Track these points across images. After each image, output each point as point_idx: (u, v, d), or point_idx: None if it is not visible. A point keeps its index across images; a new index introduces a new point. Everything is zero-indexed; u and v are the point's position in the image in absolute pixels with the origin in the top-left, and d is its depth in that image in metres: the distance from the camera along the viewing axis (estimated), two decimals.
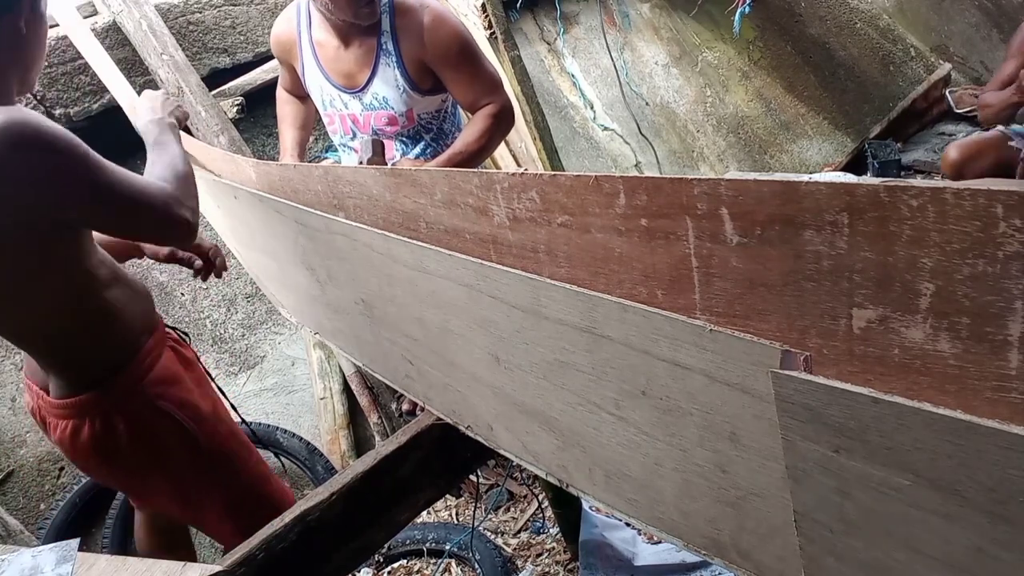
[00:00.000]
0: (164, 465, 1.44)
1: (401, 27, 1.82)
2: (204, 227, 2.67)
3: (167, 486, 1.49)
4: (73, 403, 1.34)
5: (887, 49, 4.47)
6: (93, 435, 1.35)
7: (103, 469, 1.46)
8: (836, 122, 4.19)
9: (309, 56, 1.93)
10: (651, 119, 3.90)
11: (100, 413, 1.34)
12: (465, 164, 1.85)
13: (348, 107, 1.93)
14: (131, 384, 1.36)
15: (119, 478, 1.52)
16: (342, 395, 2.58)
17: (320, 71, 1.92)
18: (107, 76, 2.33)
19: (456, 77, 1.87)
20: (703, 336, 0.66)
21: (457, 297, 0.98)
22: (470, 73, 1.86)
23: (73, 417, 1.35)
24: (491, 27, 2.63)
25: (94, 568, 1.06)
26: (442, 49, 1.83)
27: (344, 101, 1.92)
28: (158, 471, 1.45)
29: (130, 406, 1.36)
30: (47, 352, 1.34)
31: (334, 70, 1.90)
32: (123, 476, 1.49)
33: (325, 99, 1.96)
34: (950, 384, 0.75)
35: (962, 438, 0.50)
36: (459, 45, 1.83)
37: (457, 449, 1.40)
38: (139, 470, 1.44)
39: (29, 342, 1.34)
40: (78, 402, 1.33)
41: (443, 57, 1.83)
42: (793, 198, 0.78)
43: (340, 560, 1.31)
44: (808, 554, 0.69)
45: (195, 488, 1.49)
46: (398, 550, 2.28)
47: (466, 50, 1.84)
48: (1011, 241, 0.65)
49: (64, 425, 1.37)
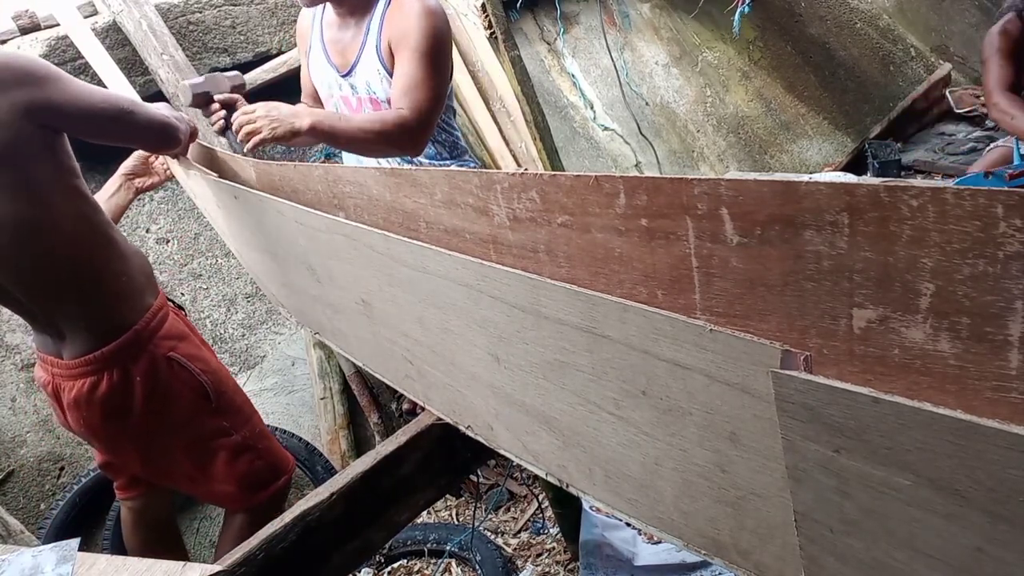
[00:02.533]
0: (177, 416, 1.50)
1: (390, 11, 1.75)
2: (205, 227, 2.68)
3: (177, 440, 1.53)
4: (91, 359, 1.39)
5: (887, 49, 4.47)
6: (111, 389, 1.41)
7: (114, 427, 1.50)
8: (836, 122, 4.19)
9: (317, 38, 1.90)
10: (651, 119, 3.90)
11: (118, 365, 1.40)
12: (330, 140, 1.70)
13: (342, 89, 1.89)
14: (146, 338, 1.43)
15: (130, 437, 1.54)
16: (342, 395, 2.58)
17: (323, 51, 1.89)
18: (107, 76, 2.33)
19: (399, 66, 1.70)
20: (703, 336, 0.66)
21: (457, 297, 0.98)
22: (411, 70, 1.67)
23: (91, 374, 1.40)
24: (491, 27, 2.63)
25: (94, 568, 1.06)
26: (400, 31, 1.69)
27: (339, 84, 1.89)
28: (170, 424, 1.50)
29: (146, 358, 1.43)
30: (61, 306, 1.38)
31: (333, 51, 1.88)
32: (134, 434, 1.52)
33: (323, 81, 1.92)
34: (950, 384, 0.75)
35: (962, 438, 0.50)
36: (419, 36, 1.67)
37: (457, 449, 1.40)
38: (151, 425, 1.49)
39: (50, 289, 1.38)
40: (96, 357, 1.39)
41: (399, 40, 1.69)
42: (793, 198, 0.78)
43: (340, 560, 1.31)
44: (808, 554, 0.69)
45: (203, 440, 1.55)
46: (399, 550, 2.28)
47: (423, 46, 1.67)
48: (1011, 241, 0.65)
49: (81, 384, 1.41)
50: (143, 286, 1.46)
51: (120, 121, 1.35)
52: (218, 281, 2.69)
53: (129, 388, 1.42)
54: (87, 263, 1.37)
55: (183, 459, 1.58)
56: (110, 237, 1.41)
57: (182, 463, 1.59)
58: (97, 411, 1.44)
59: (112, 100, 1.34)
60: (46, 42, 2.42)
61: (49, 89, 1.24)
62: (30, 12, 2.48)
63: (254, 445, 1.61)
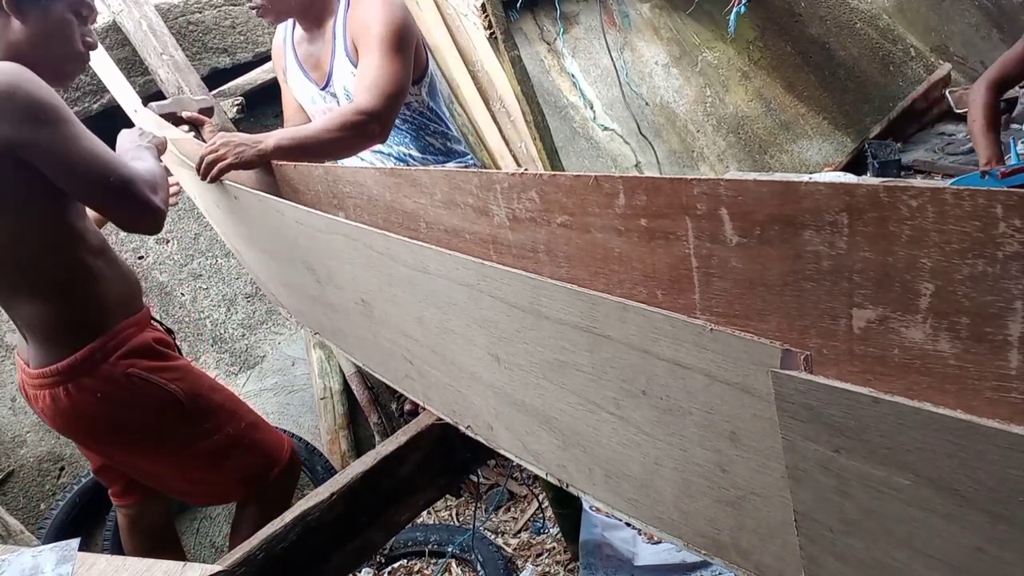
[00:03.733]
0: (148, 428, 1.49)
1: (351, 11, 1.75)
2: (205, 227, 2.68)
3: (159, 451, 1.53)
4: (47, 372, 1.40)
5: (887, 49, 4.47)
6: (71, 402, 1.41)
7: (86, 438, 1.52)
8: (836, 122, 4.19)
9: (291, 57, 1.92)
10: (651, 119, 3.90)
11: (72, 381, 1.40)
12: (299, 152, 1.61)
13: (326, 101, 1.89)
14: (100, 358, 1.41)
15: (107, 448, 1.55)
16: (342, 395, 2.58)
17: (300, 69, 1.90)
18: (107, 76, 2.32)
19: (361, 59, 1.68)
20: (703, 336, 0.66)
21: (457, 297, 0.98)
22: (370, 58, 1.65)
23: (49, 387, 1.41)
24: (491, 27, 2.63)
25: (94, 568, 1.06)
26: (360, 26, 1.69)
27: (322, 96, 1.89)
28: (144, 436, 1.50)
29: (101, 375, 1.41)
30: (30, 311, 1.39)
31: (309, 66, 1.88)
32: (110, 445, 1.53)
33: (307, 97, 1.93)
34: (950, 384, 0.75)
35: (962, 438, 0.50)
36: (377, 25, 1.65)
37: (457, 449, 1.40)
38: (123, 438, 1.49)
39: (18, 297, 1.39)
40: (51, 371, 1.40)
41: (361, 34, 1.68)
42: (793, 198, 0.78)
43: (340, 560, 1.31)
44: (808, 554, 0.69)
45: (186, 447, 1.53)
46: (400, 551, 2.28)
47: (381, 33, 1.65)
48: (1011, 241, 0.65)
49: (44, 395, 1.42)
50: (113, 308, 1.44)
51: (94, 189, 1.30)
52: (218, 281, 2.69)
53: (89, 403, 1.41)
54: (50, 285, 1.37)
55: (170, 469, 1.57)
56: (80, 262, 1.39)
57: (171, 474, 1.59)
58: (63, 422, 1.45)
59: (97, 166, 1.28)
60: None
61: (41, 133, 1.22)
62: None
63: (243, 439, 1.59)
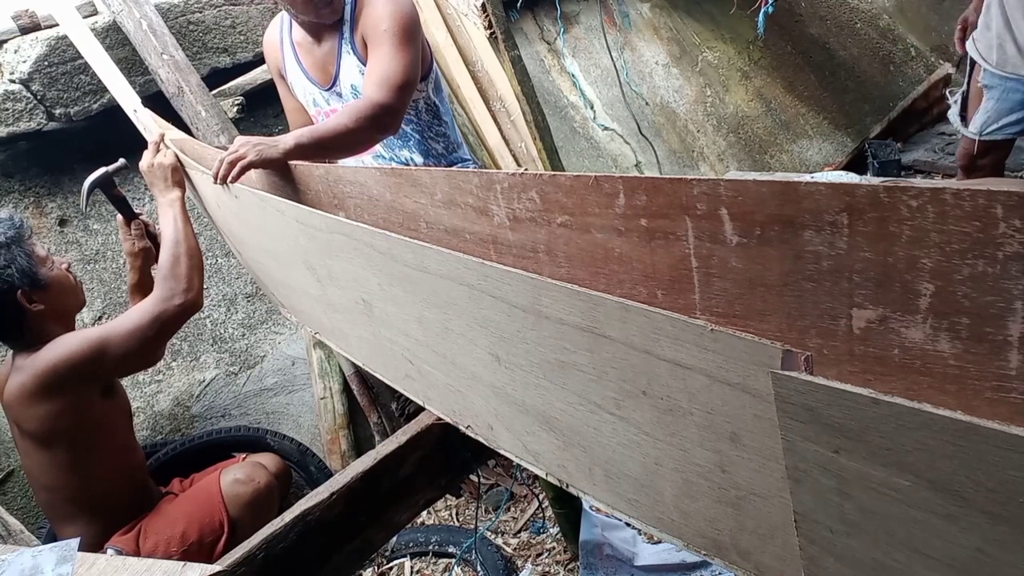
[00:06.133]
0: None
1: (358, 10, 1.79)
2: (205, 227, 2.68)
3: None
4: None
5: (887, 49, 4.47)
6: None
7: None
8: (836, 122, 4.19)
9: (291, 58, 1.92)
10: (651, 119, 3.90)
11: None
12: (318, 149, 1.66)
13: (329, 103, 1.90)
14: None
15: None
16: (342, 395, 2.58)
17: (302, 71, 1.91)
18: (107, 76, 2.32)
19: (371, 54, 1.73)
20: (704, 336, 0.66)
21: (457, 297, 0.98)
22: (380, 52, 1.71)
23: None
24: (491, 27, 2.63)
25: (94, 568, 1.06)
26: (371, 22, 1.74)
27: (325, 98, 1.90)
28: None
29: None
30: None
31: (312, 68, 1.89)
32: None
33: (309, 99, 1.94)
34: (950, 384, 0.75)
35: (962, 439, 0.50)
36: (387, 20, 1.71)
37: (457, 449, 1.40)
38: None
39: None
40: None
41: (371, 31, 1.73)
42: (793, 198, 0.78)
43: (340, 560, 1.31)
44: (808, 554, 0.69)
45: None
46: (400, 552, 2.28)
47: (390, 27, 1.71)
48: (1011, 241, 0.65)
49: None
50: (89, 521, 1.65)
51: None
52: (218, 281, 2.69)
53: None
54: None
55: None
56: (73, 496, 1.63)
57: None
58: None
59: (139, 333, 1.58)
60: (46, 42, 2.41)
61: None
62: (30, 12, 2.47)
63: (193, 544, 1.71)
